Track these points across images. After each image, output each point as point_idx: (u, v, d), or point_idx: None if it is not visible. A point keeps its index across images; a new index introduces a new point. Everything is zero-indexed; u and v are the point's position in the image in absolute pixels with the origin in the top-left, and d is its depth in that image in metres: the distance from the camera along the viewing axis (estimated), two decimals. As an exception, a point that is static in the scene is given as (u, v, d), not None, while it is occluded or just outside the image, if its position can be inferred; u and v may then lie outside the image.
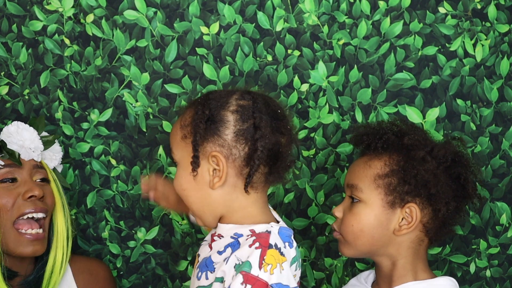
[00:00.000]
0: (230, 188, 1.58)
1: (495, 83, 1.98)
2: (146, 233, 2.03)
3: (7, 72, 2.00)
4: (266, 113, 1.58)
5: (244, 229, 1.58)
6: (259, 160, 1.55)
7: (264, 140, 1.55)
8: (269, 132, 1.56)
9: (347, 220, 1.73)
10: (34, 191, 1.79)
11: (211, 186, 1.57)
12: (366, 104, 1.99)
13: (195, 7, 1.97)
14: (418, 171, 1.70)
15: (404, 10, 1.97)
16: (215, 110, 1.57)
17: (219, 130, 1.56)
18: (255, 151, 1.55)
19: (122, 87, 2.00)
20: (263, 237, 1.55)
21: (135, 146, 2.01)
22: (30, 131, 1.84)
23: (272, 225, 1.58)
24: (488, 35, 1.97)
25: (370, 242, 1.73)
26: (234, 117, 1.57)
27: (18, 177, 1.80)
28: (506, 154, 2.00)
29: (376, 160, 1.73)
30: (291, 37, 1.98)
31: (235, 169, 1.57)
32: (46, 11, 1.98)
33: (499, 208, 2.01)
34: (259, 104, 1.58)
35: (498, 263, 2.02)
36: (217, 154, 1.56)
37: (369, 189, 1.72)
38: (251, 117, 1.56)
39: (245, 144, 1.56)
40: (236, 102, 1.58)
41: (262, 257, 1.52)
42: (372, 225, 1.72)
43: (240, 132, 1.56)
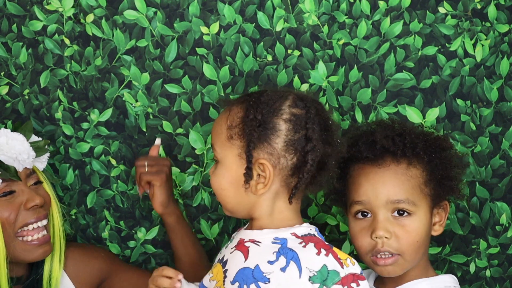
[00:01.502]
0: (271, 194, 1.57)
1: (495, 83, 1.98)
2: (146, 233, 2.03)
3: (7, 72, 2.00)
4: (318, 124, 1.56)
5: (284, 233, 1.56)
6: (308, 173, 1.55)
7: (314, 153, 1.54)
8: (320, 144, 1.55)
9: (408, 238, 1.67)
10: (35, 200, 1.78)
11: (254, 192, 1.56)
12: (366, 104, 1.99)
13: (195, 7, 1.97)
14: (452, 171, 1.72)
15: (404, 10, 1.97)
16: (267, 116, 1.55)
17: (269, 138, 1.54)
18: (305, 163, 1.54)
19: (122, 87, 2.00)
20: (318, 241, 1.55)
21: (135, 146, 2.01)
22: (21, 141, 1.81)
23: (310, 228, 1.58)
24: (488, 35, 1.97)
25: (424, 251, 1.72)
26: (286, 126, 1.55)
27: (15, 188, 1.78)
28: (506, 154, 2.00)
29: (413, 168, 1.70)
30: (291, 37, 1.98)
31: (280, 178, 1.56)
32: (46, 11, 1.98)
33: (499, 208, 2.01)
34: (312, 113, 1.56)
35: (498, 263, 2.02)
36: (265, 162, 1.55)
37: (420, 199, 1.69)
38: (303, 128, 1.55)
39: (294, 155, 1.55)
40: (290, 110, 1.56)
41: (337, 258, 1.53)
42: (427, 234, 1.71)
43: (291, 142, 1.54)
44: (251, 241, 1.57)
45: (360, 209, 1.71)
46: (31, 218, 1.77)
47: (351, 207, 1.72)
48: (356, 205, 1.71)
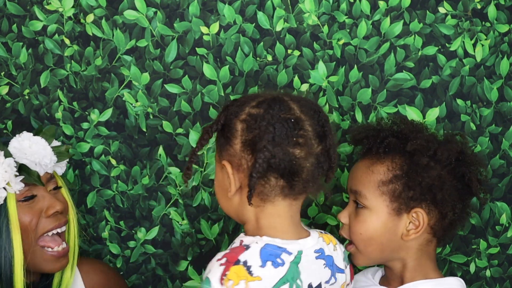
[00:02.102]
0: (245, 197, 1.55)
1: (495, 83, 1.98)
2: (146, 233, 2.03)
3: (7, 72, 2.00)
4: (276, 122, 1.50)
5: (237, 240, 1.56)
6: (256, 174, 1.49)
7: (263, 153, 1.49)
8: (273, 144, 1.49)
9: (355, 228, 1.71)
10: (56, 207, 1.76)
11: (227, 194, 1.56)
12: (366, 104, 1.99)
13: (195, 7, 1.97)
14: (423, 178, 1.68)
15: (404, 10, 1.97)
16: (229, 118, 1.55)
17: (230, 140, 1.54)
18: (254, 163, 1.50)
19: (122, 87, 2.00)
20: (235, 251, 1.51)
21: (135, 146, 2.01)
22: (43, 145, 1.79)
23: (257, 241, 1.53)
24: (488, 35, 1.97)
25: (380, 248, 1.71)
26: (241, 126, 1.53)
27: (37, 193, 1.76)
28: (506, 154, 2.00)
29: (379, 165, 1.71)
30: (291, 37, 1.98)
31: (243, 179, 1.54)
32: (46, 11, 1.98)
33: (499, 208, 2.01)
34: (270, 113, 1.51)
35: (498, 263, 2.02)
36: (225, 163, 1.54)
37: (374, 195, 1.70)
38: (256, 127, 1.51)
39: (251, 155, 1.51)
40: (249, 110, 1.54)
41: (223, 273, 1.47)
42: (380, 232, 1.70)
43: (246, 142, 1.52)
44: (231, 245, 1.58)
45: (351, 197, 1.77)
46: (51, 225, 1.75)
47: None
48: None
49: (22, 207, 1.74)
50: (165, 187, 2.02)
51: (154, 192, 2.02)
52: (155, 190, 2.02)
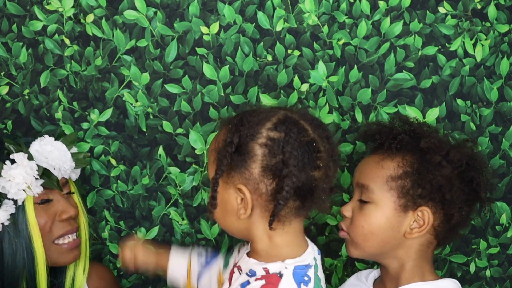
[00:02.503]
0: (258, 218, 1.53)
1: (495, 83, 1.98)
2: (146, 233, 2.03)
3: (7, 72, 2.00)
4: (299, 147, 1.49)
5: (258, 266, 1.52)
6: (283, 200, 1.48)
7: (291, 179, 1.47)
8: (298, 169, 1.48)
9: (357, 221, 1.71)
10: (69, 212, 1.79)
11: (238, 216, 1.52)
12: (366, 104, 1.99)
13: (195, 7, 1.97)
14: (434, 176, 1.68)
15: (404, 10, 1.97)
16: (244, 140, 1.50)
17: (246, 163, 1.49)
18: (281, 190, 1.48)
19: (122, 87, 2.00)
20: (272, 282, 1.49)
21: (135, 146, 2.01)
22: (64, 151, 1.82)
23: (286, 266, 1.51)
24: (488, 35, 1.97)
25: (380, 244, 1.71)
26: (262, 151, 1.49)
27: (52, 197, 1.79)
28: (506, 154, 2.00)
29: (389, 160, 1.71)
30: (291, 37, 1.98)
31: (261, 203, 1.51)
32: (46, 11, 1.98)
33: (499, 208, 2.01)
34: (292, 137, 1.49)
35: (498, 263, 2.02)
36: (242, 187, 1.50)
37: (381, 190, 1.70)
38: (280, 153, 1.48)
39: (272, 180, 1.49)
40: (267, 133, 1.50)
41: None
42: (383, 228, 1.70)
43: (267, 167, 1.49)
44: (238, 267, 1.56)
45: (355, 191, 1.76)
46: (64, 230, 1.78)
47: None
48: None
49: (38, 209, 1.77)
50: (165, 187, 2.02)
51: (154, 192, 2.02)
52: (155, 190, 2.02)
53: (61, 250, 1.79)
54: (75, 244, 1.81)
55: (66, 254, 1.80)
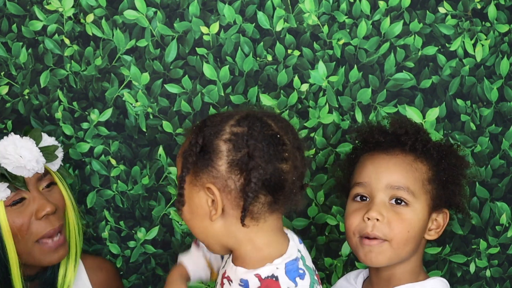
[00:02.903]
0: (232, 219, 1.51)
1: (495, 83, 1.98)
2: (146, 233, 2.03)
3: (7, 72, 2.00)
4: (263, 140, 1.49)
5: (249, 275, 1.50)
6: (252, 193, 1.47)
7: (257, 171, 1.47)
8: (265, 161, 1.47)
9: (399, 225, 1.66)
10: (45, 209, 1.74)
11: (210, 218, 1.51)
12: (366, 104, 1.99)
13: (195, 7, 1.97)
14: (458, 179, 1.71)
15: (404, 10, 1.97)
16: (208, 139, 1.50)
17: (212, 161, 1.48)
18: (249, 182, 1.47)
19: (122, 87, 2.00)
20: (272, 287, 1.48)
21: (135, 146, 2.01)
22: (29, 148, 1.76)
23: (277, 267, 1.50)
24: (488, 35, 1.97)
25: (414, 248, 1.69)
26: (227, 146, 1.49)
27: (26, 196, 1.75)
28: (506, 154, 2.00)
29: (419, 163, 1.70)
30: (291, 37, 1.98)
31: (231, 200, 1.49)
32: (46, 11, 1.98)
33: (499, 208, 2.01)
34: (255, 130, 1.49)
35: (498, 263, 2.02)
36: (210, 186, 1.49)
37: (420, 193, 1.68)
38: (245, 146, 1.48)
39: (240, 175, 1.48)
40: (230, 129, 1.50)
41: None
42: (419, 231, 1.69)
43: (233, 162, 1.48)
44: (227, 278, 1.53)
45: (360, 192, 1.70)
46: (44, 229, 1.74)
47: (352, 189, 1.72)
48: (357, 187, 1.71)
49: (11, 211, 1.73)
50: (165, 187, 2.02)
51: (154, 192, 2.02)
52: (155, 190, 2.02)
53: (44, 250, 1.76)
54: (58, 244, 1.76)
55: (50, 254, 1.76)
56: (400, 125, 1.74)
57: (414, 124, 1.77)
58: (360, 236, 1.68)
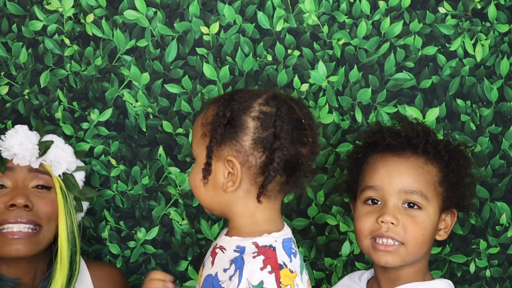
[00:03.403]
0: (243, 193, 1.56)
1: (495, 83, 1.98)
2: (146, 233, 2.03)
3: (7, 72, 2.00)
4: (289, 122, 1.54)
5: (246, 242, 1.55)
6: (274, 172, 1.52)
7: (282, 151, 1.52)
8: (289, 142, 1.53)
9: (415, 228, 1.67)
10: (16, 199, 1.72)
11: (224, 189, 1.55)
12: (366, 104, 1.99)
13: (195, 7, 1.97)
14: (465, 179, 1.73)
15: (404, 10, 1.97)
16: (236, 113, 1.54)
17: (237, 135, 1.53)
18: (272, 161, 1.52)
19: (122, 87, 2.00)
20: (270, 256, 1.51)
21: (135, 146, 2.01)
22: (28, 137, 1.78)
23: (275, 239, 1.54)
24: (488, 35, 1.97)
25: (428, 250, 1.71)
26: (254, 124, 1.53)
27: (7, 183, 1.76)
28: (506, 154, 2.00)
29: (430, 165, 1.70)
30: (291, 37, 1.98)
31: (249, 176, 1.54)
32: (46, 11, 1.98)
33: (499, 208, 2.01)
34: (283, 112, 1.54)
35: (498, 263, 2.02)
36: (232, 159, 1.53)
37: (432, 196, 1.69)
38: (272, 126, 1.53)
39: (262, 153, 1.53)
40: (259, 107, 1.55)
41: (278, 281, 1.49)
42: (432, 233, 1.70)
43: (259, 140, 1.53)
44: (220, 247, 1.58)
45: (372, 195, 1.70)
46: (9, 218, 1.71)
47: (363, 192, 1.72)
48: (369, 191, 1.71)
49: None
50: (165, 187, 2.02)
51: (154, 192, 2.02)
52: (155, 190, 2.02)
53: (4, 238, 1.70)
54: (19, 235, 1.70)
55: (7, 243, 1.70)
56: (411, 127, 1.74)
57: (424, 125, 1.77)
58: (373, 238, 1.68)
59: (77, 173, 1.85)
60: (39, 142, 1.80)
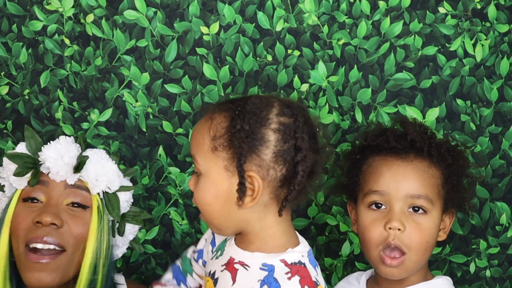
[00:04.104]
0: (260, 207, 1.49)
1: (495, 83, 1.98)
2: (146, 233, 2.03)
3: (7, 72, 2.00)
4: (307, 133, 1.49)
5: (273, 260, 1.48)
6: (299, 185, 1.47)
7: (305, 164, 1.47)
8: (310, 153, 1.48)
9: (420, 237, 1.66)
10: (42, 217, 1.62)
11: (241, 205, 1.48)
12: (366, 104, 1.99)
13: (195, 7, 1.97)
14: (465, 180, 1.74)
15: (404, 10, 1.97)
16: (255, 126, 1.47)
17: (258, 149, 1.46)
18: (295, 174, 1.47)
19: (122, 87, 2.00)
20: (305, 275, 1.46)
21: (135, 146, 2.01)
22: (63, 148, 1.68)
23: (302, 254, 1.49)
24: (488, 35, 1.97)
25: (430, 254, 1.71)
26: (275, 136, 1.47)
27: (41, 198, 1.67)
28: (506, 154, 2.00)
29: (434, 168, 1.70)
30: (291, 37, 1.98)
31: (269, 190, 1.48)
32: (46, 11, 1.98)
33: (499, 208, 2.01)
34: (300, 122, 1.49)
35: (498, 263, 2.02)
36: (253, 175, 1.47)
37: (436, 199, 1.68)
38: (293, 138, 1.47)
39: (283, 165, 1.47)
40: (278, 119, 1.48)
41: None
42: (436, 237, 1.70)
43: (280, 152, 1.47)
44: (241, 263, 1.50)
45: (376, 199, 1.69)
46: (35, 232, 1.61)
47: (367, 196, 1.70)
48: (373, 195, 1.69)
49: (21, 206, 1.66)
50: (165, 187, 2.02)
51: (154, 192, 2.02)
52: (155, 190, 2.02)
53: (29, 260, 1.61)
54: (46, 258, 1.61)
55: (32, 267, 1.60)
56: (414, 129, 1.74)
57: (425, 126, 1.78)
58: (383, 249, 1.67)
59: (122, 193, 1.74)
60: (78, 157, 1.70)
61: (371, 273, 1.80)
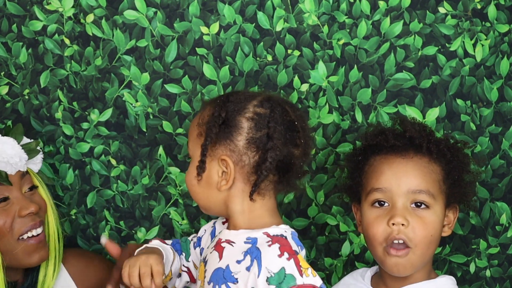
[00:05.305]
0: (238, 191, 1.60)
1: (495, 83, 1.98)
2: (146, 233, 2.03)
3: (7, 72, 2.00)
4: (282, 124, 1.59)
5: (256, 233, 1.59)
6: (267, 171, 1.57)
7: (274, 152, 1.57)
8: (282, 143, 1.58)
9: (423, 229, 1.67)
10: (29, 208, 1.76)
11: (218, 188, 1.60)
12: (366, 104, 1.99)
13: (195, 7, 1.97)
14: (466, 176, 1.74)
15: (404, 10, 1.97)
16: (231, 114, 1.59)
17: (232, 135, 1.58)
18: (265, 161, 1.57)
19: (122, 87, 2.00)
20: (285, 244, 1.56)
21: (135, 146, 2.01)
22: (11, 144, 1.79)
23: (285, 230, 1.59)
24: (488, 35, 1.97)
25: (435, 249, 1.72)
26: (248, 124, 1.58)
27: (9, 195, 1.77)
28: (506, 154, 2.00)
29: (434, 164, 1.71)
30: (291, 37, 1.98)
31: (243, 175, 1.59)
32: (46, 11, 1.98)
33: (499, 208, 2.01)
34: (276, 113, 1.59)
35: (498, 263, 2.02)
36: (226, 158, 1.58)
37: (437, 194, 1.70)
38: (265, 127, 1.58)
39: (255, 153, 1.58)
40: (254, 109, 1.59)
41: (298, 265, 1.53)
42: (440, 231, 1.72)
43: (252, 140, 1.58)
44: (227, 241, 1.61)
45: (379, 197, 1.71)
46: (25, 224, 1.76)
47: (370, 195, 1.72)
48: (376, 193, 1.71)
49: None
50: (165, 187, 2.02)
51: (154, 192, 2.02)
52: (155, 190, 2.02)
53: (27, 249, 1.76)
54: (39, 240, 1.77)
55: (32, 253, 1.77)
56: (412, 127, 1.76)
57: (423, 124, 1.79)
58: (387, 245, 1.68)
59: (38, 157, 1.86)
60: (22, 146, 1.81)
61: (376, 269, 1.80)
